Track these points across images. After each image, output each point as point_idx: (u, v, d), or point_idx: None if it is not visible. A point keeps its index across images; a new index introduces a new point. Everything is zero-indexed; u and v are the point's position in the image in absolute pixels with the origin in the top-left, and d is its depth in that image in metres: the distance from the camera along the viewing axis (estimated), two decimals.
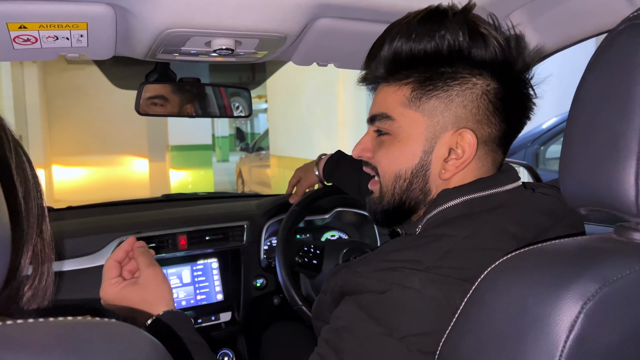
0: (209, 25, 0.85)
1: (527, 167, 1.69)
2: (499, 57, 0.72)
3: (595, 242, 0.53)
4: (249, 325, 1.52)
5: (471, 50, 0.71)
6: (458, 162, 0.73)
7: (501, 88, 0.73)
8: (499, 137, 0.75)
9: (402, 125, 0.75)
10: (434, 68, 0.73)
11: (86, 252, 1.32)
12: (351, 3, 0.88)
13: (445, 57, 0.72)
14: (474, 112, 0.72)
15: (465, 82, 0.72)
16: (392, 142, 0.76)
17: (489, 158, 0.75)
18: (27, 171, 0.50)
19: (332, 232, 1.66)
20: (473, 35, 0.71)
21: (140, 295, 0.83)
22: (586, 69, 0.55)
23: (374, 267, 0.67)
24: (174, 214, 1.53)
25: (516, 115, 0.76)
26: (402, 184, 0.76)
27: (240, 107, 1.48)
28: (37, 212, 0.50)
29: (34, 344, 0.31)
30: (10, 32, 0.83)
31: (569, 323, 0.45)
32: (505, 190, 0.74)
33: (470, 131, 0.71)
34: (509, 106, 0.74)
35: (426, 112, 0.73)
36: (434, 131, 0.73)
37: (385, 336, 0.61)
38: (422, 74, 0.73)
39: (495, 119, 0.73)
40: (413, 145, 0.74)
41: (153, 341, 0.38)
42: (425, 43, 0.71)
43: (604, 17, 0.87)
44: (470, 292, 0.56)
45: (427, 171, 0.75)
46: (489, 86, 0.72)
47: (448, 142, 0.73)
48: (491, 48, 0.71)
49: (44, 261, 0.52)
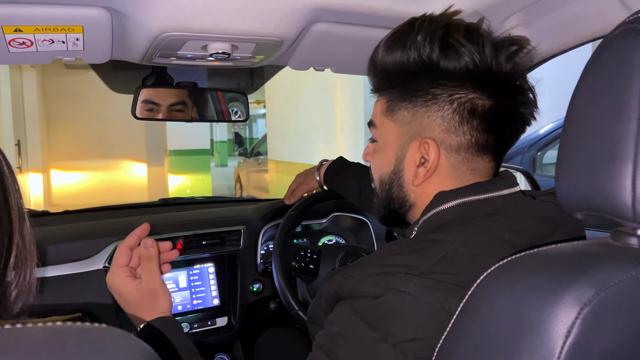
0: (205, 29, 0.85)
1: (524, 172, 1.69)
2: (477, 67, 0.71)
3: (592, 247, 0.53)
4: (245, 330, 1.51)
5: (439, 62, 0.72)
6: (425, 169, 0.75)
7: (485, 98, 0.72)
8: (476, 145, 0.73)
9: (382, 133, 0.80)
10: (404, 80, 0.75)
11: (82, 256, 1.31)
12: (347, 8, 0.88)
13: (413, 69, 0.74)
14: (438, 122, 0.73)
15: (431, 93, 0.73)
16: (377, 149, 0.82)
17: (467, 165, 0.75)
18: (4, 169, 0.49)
19: (329, 236, 1.65)
20: (443, 46, 0.71)
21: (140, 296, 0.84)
22: (582, 73, 0.54)
23: (369, 271, 0.66)
24: (170, 218, 1.53)
25: (505, 125, 0.75)
26: (384, 188, 0.81)
27: (238, 112, 1.48)
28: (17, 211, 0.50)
29: (21, 350, 0.30)
30: (6, 36, 0.83)
31: (565, 329, 0.44)
32: (501, 195, 0.74)
33: (431, 140, 0.73)
34: (494, 116, 0.73)
35: (398, 122, 0.77)
36: (404, 140, 0.76)
37: (379, 341, 0.61)
38: (395, 86, 0.77)
39: (465, 128, 0.73)
40: (389, 153, 0.79)
41: (144, 347, 0.37)
42: (395, 56, 0.74)
43: (600, 22, 0.87)
44: (465, 297, 0.55)
45: (400, 178, 0.78)
46: (464, 97, 0.72)
47: (418, 151, 0.75)
48: (464, 59, 0.71)
49: (26, 260, 0.51)
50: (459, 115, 0.72)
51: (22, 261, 0.51)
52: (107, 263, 1.31)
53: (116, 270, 0.86)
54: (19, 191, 0.52)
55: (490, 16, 0.94)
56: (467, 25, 0.74)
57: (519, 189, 0.77)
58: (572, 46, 0.97)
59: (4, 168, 0.49)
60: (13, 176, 0.51)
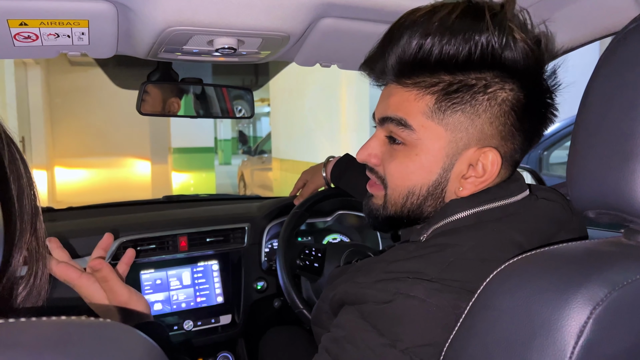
0: (211, 24, 0.84)
1: (531, 171, 1.68)
2: (529, 63, 0.65)
3: (604, 246, 0.52)
4: (249, 328, 1.51)
5: (502, 55, 0.64)
6: (478, 180, 0.68)
7: (527, 99, 0.67)
8: (517, 152, 0.70)
9: (421, 137, 0.68)
10: (463, 76, 0.66)
11: (86, 253, 1.31)
12: (355, 3, 0.87)
13: (476, 63, 0.65)
14: (500, 129, 0.67)
15: (495, 95, 0.66)
16: (407, 154, 0.70)
17: (506, 172, 0.71)
18: (20, 168, 0.49)
19: (333, 235, 1.64)
20: (507, 39, 0.64)
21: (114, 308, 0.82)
22: (595, 70, 0.54)
23: (375, 277, 0.64)
24: (174, 215, 1.52)
25: (539, 128, 0.71)
26: (414, 200, 0.71)
27: (242, 110, 1.47)
28: (30, 210, 0.49)
29: (24, 344, 0.30)
30: (11, 29, 0.82)
31: (577, 329, 0.44)
32: (515, 201, 0.70)
33: (495, 150, 0.66)
34: (534, 119, 0.69)
35: (449, 127, 0.67)
36: (456, 147, 0.67)
37: (388, 347, 0.59)
38: (450, 82, 0.66)
39: (520, 135, 0.68)
40: (432, 161, 0.68)
41: (148, 342, 0.37)
42: (459, 46, 0.63)
43: (611, 19, 0.86)
44: (475, 296, 0.55)
45: (444, 189, 0.70)
46: (516, 98, 0.66)
47: (469, 159, 0.68)
48: (521, 53, 0.64)
49: (39, 260, 0.51)
50: (515, 120, 0.67)
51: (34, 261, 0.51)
52: (111, 259, 1.31)
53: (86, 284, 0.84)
54: (35, 190, 0.51)
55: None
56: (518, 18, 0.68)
57: (528, 191, 0.74)
58: (582, 43, 0.95)
59: (20, 168, 0.49)
60: (29, 175, 0.50)
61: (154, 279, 1.39)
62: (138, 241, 1.36)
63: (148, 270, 1.39)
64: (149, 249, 1.37)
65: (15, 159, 0.48)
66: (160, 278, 1.40)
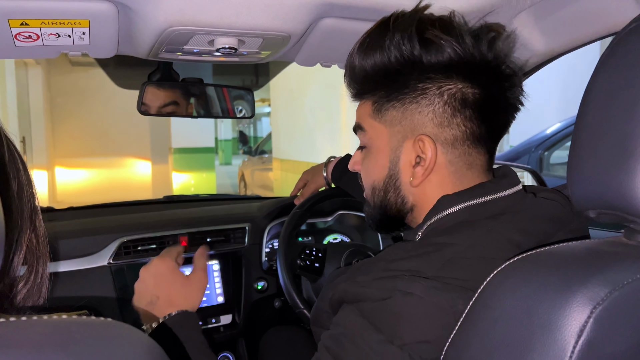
0: (212, 24, 0.84)
1: (532, 171, 1.68)
2: (460, 58, 0.71)
3: (604, 245, 0.52)
4: (250, 328, 1.51)
5: (422, 57, 0.71)
6: (423, 168, 0.72)
7: (474, 87, 0.71)
8: (471, 136, 0.72)
9: (372, 137, 0.77)
10: (388, 80, 0.74)
11: (87, 253, 1.31)
12: (356, 3, 0.87)
13: (395, 68, 0.72)
14: (430, 117, 0.71)
15: (419, 89, 0.71)
16: (367, 155, 0.79)
17: (464, 159, 0.73)
18: (19, 167, 0.49)
19: (334, 235, 1.64)
20: (423, 41, 0.70)
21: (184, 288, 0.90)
22: (595, 69, 0.54)
23: (374, 276, 0.65)
24: (175, 215, 1.52)
25: (496, 112, 0.74)
26: (378, 194, 0.78)
27: (243, 110, 1.47)
28: (30, 208, 0.50)
29: (24, 343, 0.30)
30: (12, 29, 0.83)
31: (577, 328, 0.44)
32: (506, 195, 0.72)
33: (426, 136, 0.71)
34: (485, 104, 0.72)
35: (387, 123, 0.75)
36: (396, 140, 0.74)
37: (386, 344, 0.60)
38: (379, 88, 0.75)
39: (459, 120, 0.71)
40: (381, 157, 0.76)
41: (149, 341, 0.37)
42: (374, 58, 0.73)
43: (612, 19, 0.86)
44: (475, 296, 0.55)
45: (397, 180, 0.76)
46: (453, 88, 0.71)
47: (413, 150, 0.73)
48: (447, 51, 0.70)
49: (39, 258, 0.51)
50: (450, 107, 0.71)
51: (34, 259, 0.51)
52: (112, 259, 1.31)
53: (168, 259, 0.93)
54: (33, 189, 0.52)
55: (500, 12, 0.93)
56: (440, 19, 0.74)
57: (521, 186, 0.76)
58: (583, 43, 0.95)
59: (19, 165, 0.49)
60: (27, 174, 0.51)
61: None
62: (139, 241, 1.36)
63: None
64: (149, 249, 1.37)
65: (15, 158, 0.48)
66: None
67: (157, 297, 0.88)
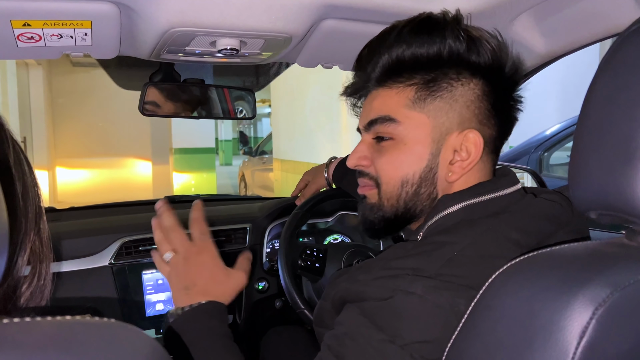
0: (214, 25, 0.85)
1: (532, 172, 1.68)
2: (493, 61, 0.74)
3: (606, 246, 0.52)
4: (250, 328, 1.51)
5: (469, 53, 0.73)
6: (464, 163, 0.73)
7: (494, 91, 0.75)
8: (496, 139, 0.76)
9: (407, 127, 0.74)
10: (437, 70, 0.73)
11: (88, 253, 1.31)
12: (357, 4, 0.87)
13: (446, 60, 0.73)
14: (476, 113, 0.73)
15: (467, 82, 0.73)
16: (396, 147, 0.75)
17: (490, 160, 0.77)
18: (25, 168, 0.49)
19: (334, 235, 1.64)
20: (470, 39, 0.73)
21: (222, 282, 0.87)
22: (597, 71, 0.54)
23: (375, 274, 0.65)
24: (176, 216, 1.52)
25: (507, 119, 0.77)
26: (409, 189, 0.74)
27: (244, 112, 1.48)
28: (35, 210, 0.50)
29: (28, 343, 0.30)
30: (15, 30, 0.83)
31: (579, 329, 0.44)
32: (505, 194, 0.73)
33: (475, 131, 0.72)
34: (501, 109, 0.76)
35: (431, 113, 0.73)
36: (439, 132, 0.73)
37: (387, 343, 0.60)
38: (425, 75, 0.74)
39: (493, 121, 0.75)
40: (420, 148, 0.73)
41: (152, 342, 0.37)
42: (428, 47, 0.73)
43: (613, 20, 0.86)
44: (476, 297, 0.55)
45: (435, 174, 0.74)
46: (484, 89, 0.74)
47: (453, 144, 0.73)
48: (485, 52, 0.73)
49: (42, 260, 0.51)
50: (490, 107, 0.74)
51: (37, 261, 0.51)
52: (113, 260, 1.31)
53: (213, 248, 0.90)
54: (38, 190, 0.52)
55: (500, 14, 0.93)
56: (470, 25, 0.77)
57: (520, 186, 0.77)
58: (583, 45, 0.96)
59: (24, 166, 0.49)
60: (33, 175, 0.51)
61: (156, 279, 1.39)
62: (140, 241, 1.36)
63: (150, 270, 1.39)
64: (150, 249, 1.37)
65: (20, 159, 0.48)
66: (162, 278, 1.40)
67: (194, 284, 0.84)
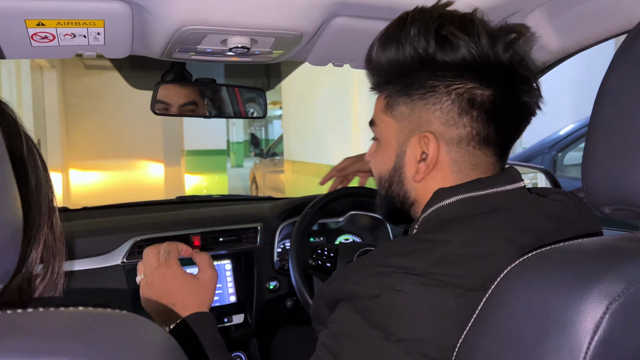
0: (225, 23, 0.85)
1: (545, 172, 1.66)
2: (474, 58, 0.70)
3: (620, 241, 0.51)
4: (262, 327, 1.51)
5: (436, 55, 0.71)
6: (425, 164, 0.74)
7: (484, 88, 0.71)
8: (477, 137, 0.72)
9: (382, 130, 0.79)
10: (400, 76, 0.75)
11: (100, 252, 1.32)
12: (367, 1, 0.87)
13: (409, 64, 0.73)
14: (437, 115, 0.72)
15: (428, 86, 0.72)
16: (378, 147, 0.82)
17: (469, 159, 0.73)
18: (37, 162, 0.50)
19: (346, 235, 1.64)
20: (438, 39, 0.71)
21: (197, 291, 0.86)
22: (610, 66, 0.53)
23: (365, 272, 0.65)
24: (187, 215, 1.53)
25: (506, 115, 0.73)
26: (384, 185, 0.81)
27: (255, 113, 1.48)
28: (48, 204, 0.50)
29: (43, 332, 0.30)
30: (29, 29, 0.84)
31: (593, 324, 0.43)
32: (503, 190, 0.72)
33: (430, 134, 0.72)
34: (494, 106, 0.71)
35: (396, 118, 0.76)
36: (403, 135, 0.76)
37: (382, 340, 0.60)
38: (400, 79, 0.75)
39: (465, 120, 0.71)
40: (389, 149, 0.78)
41: (164, 334, 0.37)
42: (389, 52, 0.74)
43: (626, 16, 0.85)
44: (488, 292, 0.54)
45: (401, 174, 0.78)
46: (462, 88, 0.71)
47: (418, 146, 0.74)
48: (461, 50, 0.70)
49: (55, 255, 0.52)
50: (457, 106, 0.71)
51: (51, 255, 0.52)
52: (125, 259, 1.32)
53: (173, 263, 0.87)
54: (52, 187, 0.52)
55: (512, 10, 0.92)
56: (461, 16, 0.73)
57: (523, 184, 0.75)
58: (597, 41, 0.95)
59: (38, 163, 0.50)
60: (46, 172, 0.52)
61: None
62: (152, 240, 1.37)
63: None
64: None
65: (33, 153, 0.49)
66: None
67: (173, 305, 0.84)
